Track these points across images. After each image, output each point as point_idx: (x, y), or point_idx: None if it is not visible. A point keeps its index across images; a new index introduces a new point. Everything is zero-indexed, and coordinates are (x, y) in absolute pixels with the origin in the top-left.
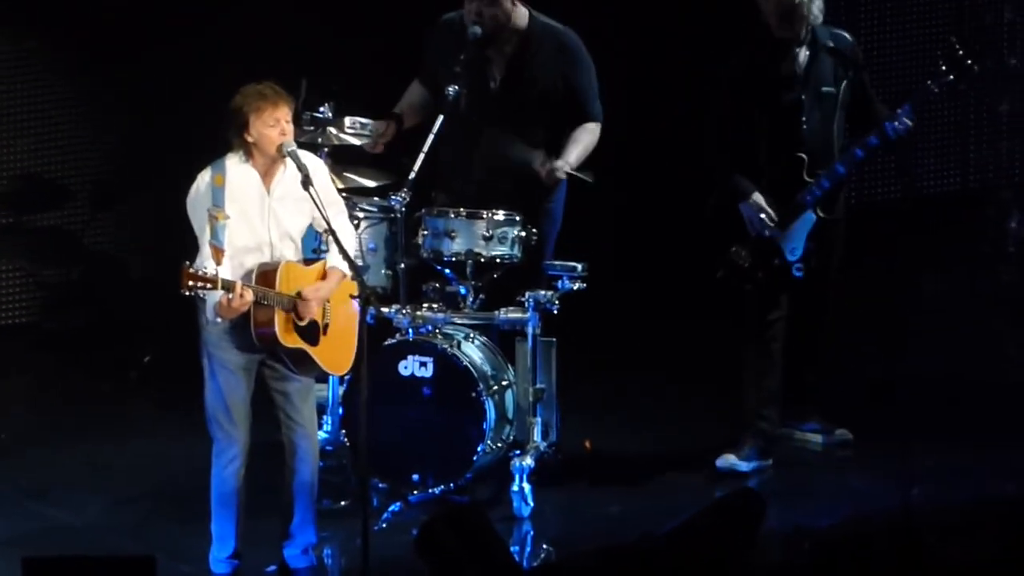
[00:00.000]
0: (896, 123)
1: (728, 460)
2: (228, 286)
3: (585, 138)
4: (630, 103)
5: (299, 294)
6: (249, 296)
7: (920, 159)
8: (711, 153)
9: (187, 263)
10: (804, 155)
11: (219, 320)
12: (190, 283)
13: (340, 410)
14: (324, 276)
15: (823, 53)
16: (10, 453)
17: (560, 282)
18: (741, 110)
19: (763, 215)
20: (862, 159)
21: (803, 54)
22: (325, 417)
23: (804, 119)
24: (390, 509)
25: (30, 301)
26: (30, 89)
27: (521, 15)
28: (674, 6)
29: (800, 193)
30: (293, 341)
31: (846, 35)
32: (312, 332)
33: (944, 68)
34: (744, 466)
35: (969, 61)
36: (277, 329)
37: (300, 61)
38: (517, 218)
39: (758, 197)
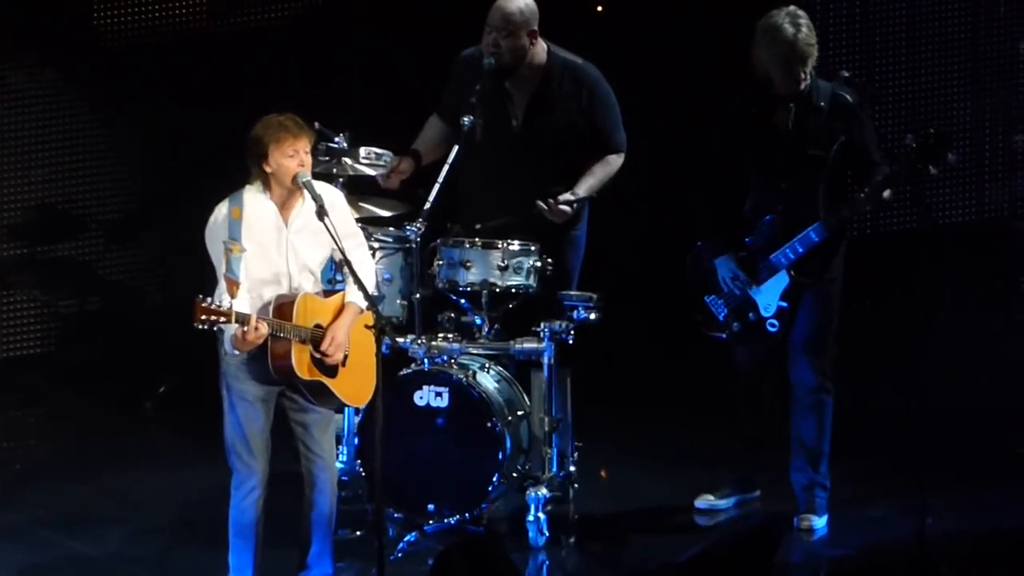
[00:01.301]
0: (849, 210)
1: (706, 500)
2: (243, 319)
3: (601, 171)
4: (649, 129)
5: (317, 325)
6: (264, 329)
7: (935, 190)
8: (695, 203)
9: (200, 296)
10: (782, 215)
11: (236, 352)
12: (203, 317)
13: (356, 440)
14: (341, 310)
15: (816, 113)
16: (27, 484)
17: (576, 312)
18: (731, 162)
19: (732, 275)
20: (834, 226)
21: (793, 113)
22: (340, 447)
23: (785, 178)
24: (406, 539)
25: (45, 332)
26: (46, 120)
27: (540, 51)
28: (695, 41)
29: (775, 253)
30: (311, 373)
31: (847, 95)
32: (330, 364)
33: (916, 153)
34: (723, 504)
35: (945, 151)
36: (294, 362)
37: (317, 92)
38: (532, 248)
39: (731, 258)
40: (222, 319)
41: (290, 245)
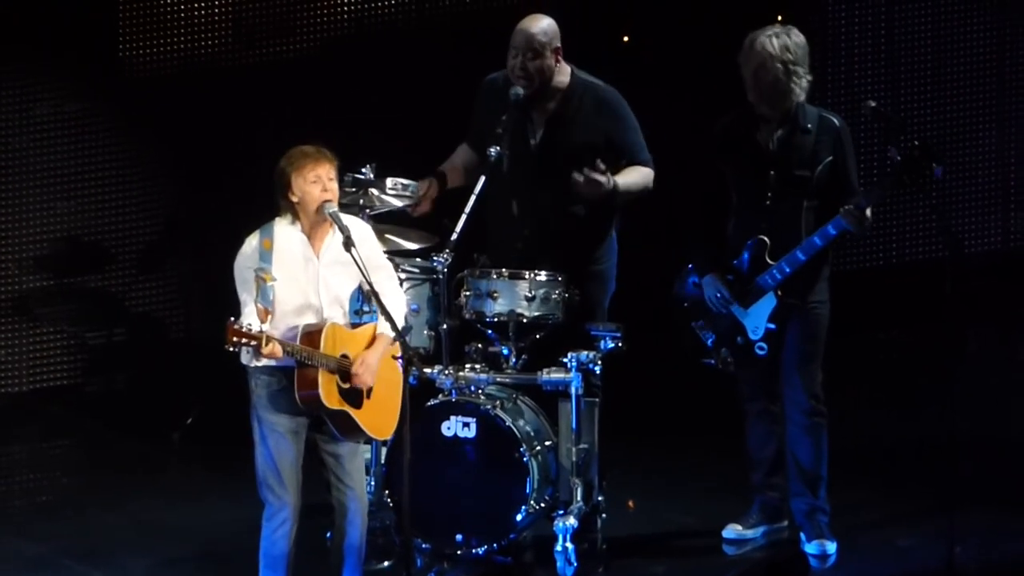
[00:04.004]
0: (847, 219)
1: (734, 530)
2: (270, 342)
3: (636, 173)
4: (677, 157)
5: (344, 355)
6: (278, 350)
7: (961, 219)
8: (686, 225)
9: (232, 319)
10: (766, 237)
11: (256, 363)
12: (235, 339)
13: (383, 470)
14: (372, 341)
15: (802, 134)
16: (53, 515)
17: (602, 342)
18: (716, 182)
19: (718, 294)
20: (820, 247)
21: (780, 133)
22: (368, 477)
23: (769, 199)
24: (434, 569)
25: (72, 363)
26: (71, 152)
27: (564, 72)
28: (721, 70)
29: (761, 275)
30: (337, 403)
31: (834, 119)
32: (356, 395)
33: (902, 166)
34: (751, 533)
35: (929, 163)
36: (321, 391)
37: (343, 123)
38: (559, 278)
39: (717, 277)
40: (253, 342)
41: (321, 277)
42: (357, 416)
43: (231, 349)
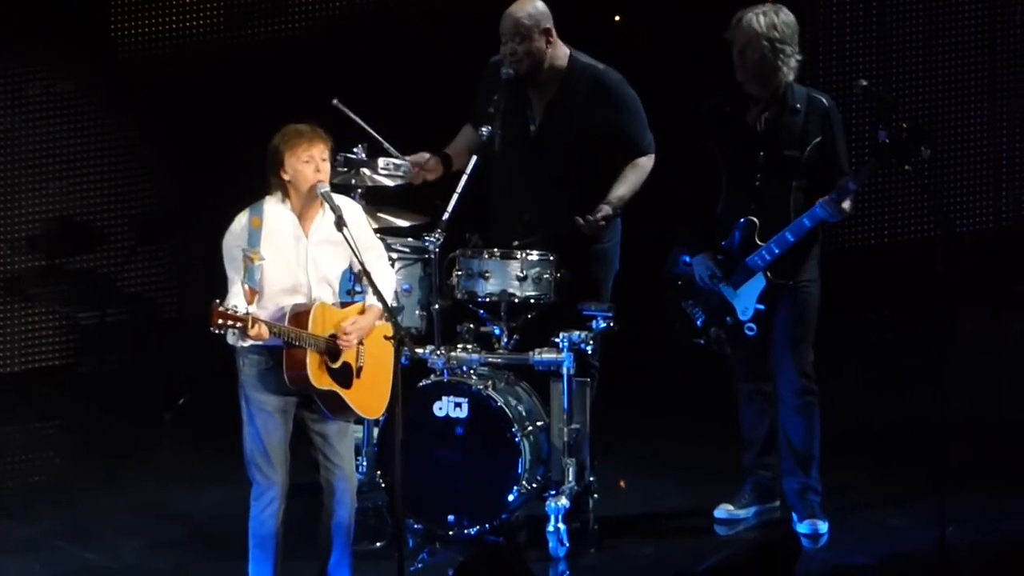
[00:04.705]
0: (831, 204)
1: (726, 509)
2: (256, 324)
3: (632, 175)
4: (669, 138)
5: (332, 336)
6: (265, 332)
7: (953, 198)
8: (676, 205)
9: (217, 301)
10: (755, 217)
11: (242, 343)
12: (219, 321)
13: (375, 451)
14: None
15: (791, 114)
16: (44, 496)
17: (594, 322)
18: (705, 162)
19: (708, 274)
20: (809, 228)
21: (769, 113)
22: (360, 458)
23: (758, 179)
24: (426, 550)
25: (65, 343)
26: (64, 132)
27: (561, 55)
28: (713, 50)
29: (751, 256)
30: (325, 383)
31: (823, 98)
32: (345, 374)
33: (890, 149)
34: (743, 513)
35: (918, 146)
36: (309, 371)
37: (342, 102)
38: (551, 258)
39: (708, 257)
40: (238, 324)
41: (310, 256)
42: (347, 396)
43: (216, 331)
